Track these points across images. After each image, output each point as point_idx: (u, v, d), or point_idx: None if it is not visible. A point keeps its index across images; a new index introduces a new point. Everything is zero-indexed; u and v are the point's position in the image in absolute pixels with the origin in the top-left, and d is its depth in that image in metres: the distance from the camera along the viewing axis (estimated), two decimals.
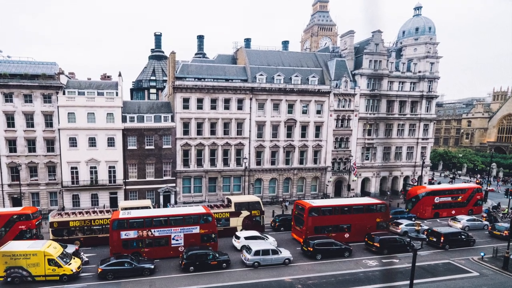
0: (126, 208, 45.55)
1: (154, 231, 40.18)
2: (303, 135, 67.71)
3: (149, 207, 48.25)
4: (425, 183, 75.40)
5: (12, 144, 57.08)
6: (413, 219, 55.91)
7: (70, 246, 41.22)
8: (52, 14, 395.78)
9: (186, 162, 63.31)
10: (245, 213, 49.43)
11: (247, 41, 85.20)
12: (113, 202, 60.11)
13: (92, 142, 58.70)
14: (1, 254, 33.80)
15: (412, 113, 74.00)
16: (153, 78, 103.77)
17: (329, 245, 41.19)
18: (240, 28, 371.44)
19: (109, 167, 59.97)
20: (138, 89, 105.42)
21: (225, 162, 65.16)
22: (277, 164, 67.57)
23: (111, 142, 59.41)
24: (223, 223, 48.43)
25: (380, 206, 48.32)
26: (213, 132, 63.34)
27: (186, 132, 62.30)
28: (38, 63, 60.73)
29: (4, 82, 55.66)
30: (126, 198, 61.00)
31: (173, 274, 36.40)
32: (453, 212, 60.02)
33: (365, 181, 74.77)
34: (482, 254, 40.96)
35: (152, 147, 61.28)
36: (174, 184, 62.92)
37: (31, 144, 57.55)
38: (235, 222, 49.11)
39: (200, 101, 62.18)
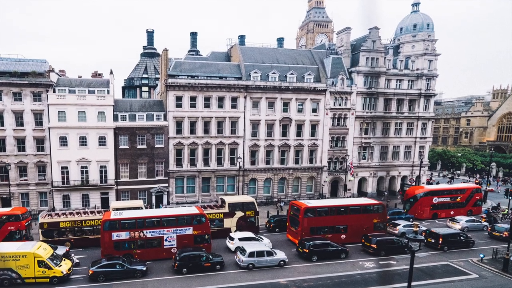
0: (117, 209, 45.69)
1: (146, 232, 40.35)
2: (299, 134, 68.30)
3: (141, 208, 48.44)
4: (423, 183, 75.60)
5: (1, 143, 57.37)
6: (411, 220, 56.15)
7: (61, 247, 41.24)
8: (41, 9, 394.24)
9: (179, 162, 63.79)
10: (239, 214, 49.66)
11: (241, 38, 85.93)
12: (105, 203, 60.37)
13: (83, 141, 59.07)
14: None
15: (410, 111, 74.63)
16: (145, 75, 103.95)
17: (325, 247, 41.31)
18: (234, 25, 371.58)
19: (100, 166, 60.37)
20: (130, 87, 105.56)
21: (219, 161, 65.66)
22: (272, 163, 68.17)
23: (102, 141, 59.78)
24: (217, 224, 48.62)
25: (377, 206, 48.58)
26: (206, 131, 63.81)
27: (179, 131, 62.75)
28: (27, 61, 61.07)
29: None
30: (117, 198, 61.33)
31: (166, 276, 36.52)
32: (452, 212, 60.22)
33: (362, 181, 75.37)
34: (481, 255, 40.99)
35: (144, 146, 61.72)
36: (166, 184, 63.39)
37: (20, 143, 57.85)
38: (229, 223, 49.32)
39: (193, 99, 62.62)
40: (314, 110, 68.40)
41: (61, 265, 35.51)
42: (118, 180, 61.47)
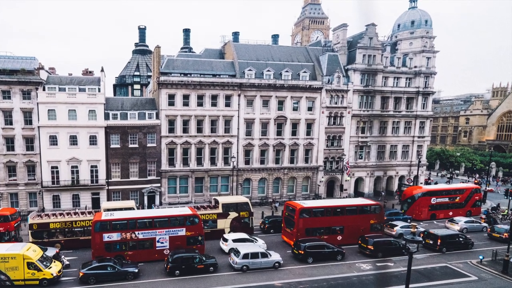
0: (109, 209, 45.94)
1: (138, 233, 40.60)
2: (294, 133, 68.78)
3: (133, 208, 48.75)
4: (421, 183, 75.87)
5: None
6: (409, 220, 56.31)
7: (51, 249, 41.33)
8: (30, 5, 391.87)
9: (171, 161, 64.22)
10: (233, 215, 50.00)
11: (235, 35, 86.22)
12: (95, 203, 60.78)
13: (73, 140, 59.41)
14: None
15: (407, 110, 75.07)
16: (137, 73, 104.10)
17: (321, 248, 41.56)
18: (228, 21, 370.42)
19: (91, 166, 60.72)
20: (121, 85, 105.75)
21: (212, 161, 66.09)
22: (266, 163, 68.63)
23: (93, 140, 60.16)
24: (210, 225, 48.94)
25: (374, 207, 48.96)
26: (199, 130, 64.23)
27: (171, 130, 63.17)
28: (16, 58, 61.22)
29: None
30: (109, 198, 61.75)
31: (158, 278, 36.70)
32: (451, 213, 60.51)
33: (359, 181, 75.78)
34: (480, 257, 41.15)
35: (136, 145, 62.15)
36: (159, 184, 63.81)
37: (9, 142, 58.09)
38: (223, 224, 49.65)
39: (186, 97, 63.03)
40: (309, 109, 68.93)
41: (51, 267, 35.59)
42: (109, 180, 61.86)
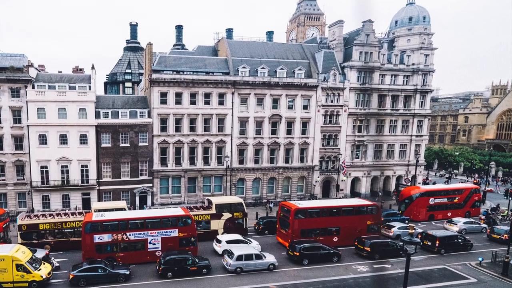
0: (99, 210, 46.26)
1: (130, 234, 40.82)
2: (289, 131, 69.28)
3: (124, 209, 48.89)
4: (419, 183, 76.21)
5: None
6: (406, 221, 56.52)
7: (40, 250, 41.41)
8: (17, 0, 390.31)
9: (163, 161, 64.63)
10: (226, 215, 50.26)
11: (229, 31, 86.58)
12: (86, 204, 61.11)
13: (64, 139, 59.78)
14: None
15: (405, 108, 75.67)
16: (128, 71, 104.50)
17: (316, 250, 41.81)
18: (221, 18, 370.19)
19: (82, 166, 61.12)
20: (112, 83, 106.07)
21: (206, 160, 66.53)
22: (261, 163, 69.11)
23: (83, 139, 60.53)
24: (204, 226, 49.16)
25: (371, 207, 49.24)
26: (192, 129, 64.64)
27: (163, 129, 63.58)
28: (5, 55, 61.62)
29: None
30: (99, 199, 62.10)
31: (150, 281, 36.90)
32: (449, 214, 60.75)
33: (355, 181, 76.32)
34: (480, 259, 41.31)
35: (128, 144, 62.56)
36: (151, 184, 64.24)
37: None
38: (216, 225, 49.89)
39: (178, 95, 63.44)
40: (305, 107, 69.44)
41: (40, 269, 35.63)
42: (100, 180, 62.25)
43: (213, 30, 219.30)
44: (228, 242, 43.58)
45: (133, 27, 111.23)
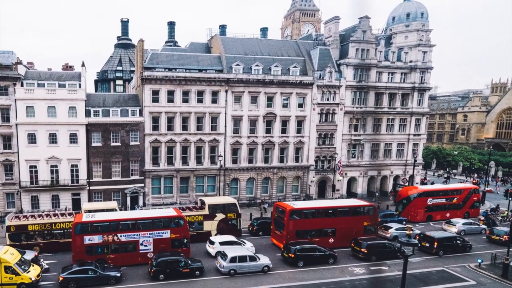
0: (90, 211, 46.37)
1: (121, 235, 41.01)
2: (284, 130, 69.65)
3: (115, 210, 49.15)
4: (417, 183, 76.83)
5: None
6: (404, 222, 57.00)
7: (29, 252, 41.49)
8: None
9: (155, 160, 64.96)
10: (220, 216, 50.47)
11: (223, 28, 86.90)
12: (76, 204, 61.30)
13: (53, 138, 60.01)
14: None
15: (402, 106, 76.12)
16: (119, 68, 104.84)
17: (312, 251, 41.89)
18: (215, 14, 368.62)
19: (72, 165, 61.39)
20: (103, 81, 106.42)
21: (198, 160, 66.87)
22: (255, 162, 69.46)
23: (73, 138, 60.80)
24: (196, 227, 49.35)
25: (367, 208, 49.53)
26: (185, 128, 64.98)
27: (155, 128, 63.90)
28: None
29: None
30: (90, 199, 62.33)
31: (142, 283, 37.08)
32: (448, 215, 60.77)
33: (352, 181, 76.78)
34: (479, 261, 41.32)
35: (119, 144, 62.89)
36: (142, 185, 64.61)
37: None
38: (209, 226, 50.08)
39: (171, 93, 63.77)
40: (300, 105, 69.85)
41: (29, 271, 35.66)
42: (91, 180, 62.58)
43: (206, 26, 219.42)
44: (222, 243, 43.70)
45: (124, 24, 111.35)
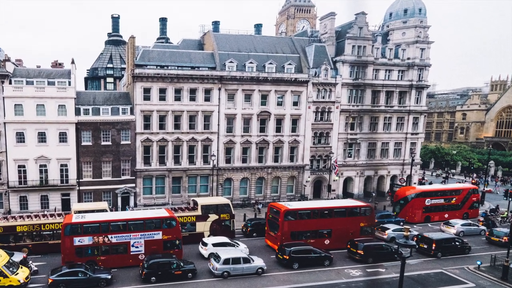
0: (80, 211, 46.48)
1: (111, 237, 41.17)
2: (278, 129, 69.97)
3: (106, 210, 49.24)
4: (414, 183, 77.34)
5: None
6: (402, 223, 57.11)
7: (17, 253, 41.64)
8: None
9: (147, 160, 65.27)
10: (213, 217, 50.65)
11: (216, 24, 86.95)
12: (66, 205, 61.52)
13: (42, 137, 60.21)
14: None
15: (400, 104, 76.59)
16: (110, 65, 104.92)
17: (307, 253, 42.10)
18: (207, 10, 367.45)
19: (61, 165, 61.62)
20: (93, 78, 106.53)
21: (191, 159, 67.21)
22: (249, 162, 69.79)
23: (63, 137, 61.04)
24: (189, 228, 49.56)
25: (364, 209, 49.74)
26: (177, 126, 65.24)
27: (147, 126, 64.17)
28: None
29: None
30: (80, 200, 62.55)
31: (133, 285, 37.29)
32: (446, 215, 60.86)
33: (348, 181, 77.18)
34: (478, 262, 41.40)
35: (109, 143, 63.19)
36: (133, 185, 64.92)
37: None
38: (202, 227, 50.29)
39: (162, 91, 64.05)
40: (295, 103, 70.19)
41: (17, 273, 35.87)
42: (81, 180, 62.79)
43: (199, 22, 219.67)
44: (215, 245, 43.99)
45: (115, 20, 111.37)
